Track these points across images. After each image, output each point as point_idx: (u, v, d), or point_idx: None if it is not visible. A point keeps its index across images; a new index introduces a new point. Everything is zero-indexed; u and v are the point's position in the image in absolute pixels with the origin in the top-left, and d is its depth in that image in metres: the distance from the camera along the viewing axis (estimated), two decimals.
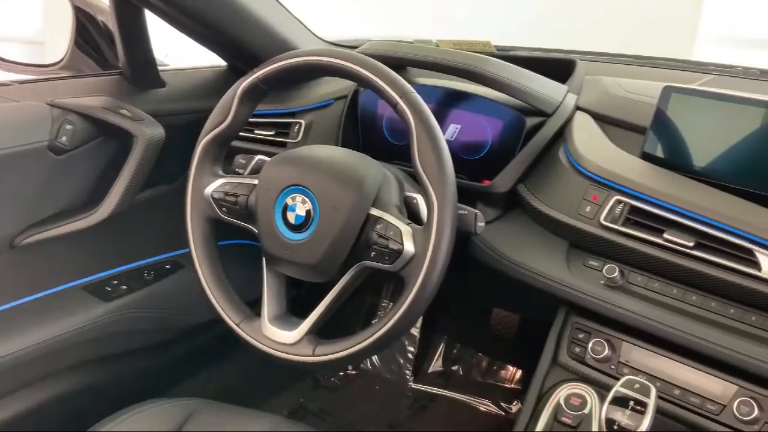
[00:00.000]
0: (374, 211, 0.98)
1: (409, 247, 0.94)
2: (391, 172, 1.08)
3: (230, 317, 1.07)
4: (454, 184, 0.94)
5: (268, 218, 1.02)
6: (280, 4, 1.43)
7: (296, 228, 1.00)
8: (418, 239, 0.94)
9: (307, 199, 0.99)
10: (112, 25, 1.35)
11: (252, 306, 1.10)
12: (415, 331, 1.94)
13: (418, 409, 1.86)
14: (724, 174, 1.00)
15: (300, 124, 1.39)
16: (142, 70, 1.40)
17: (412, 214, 1.04)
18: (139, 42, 1.36)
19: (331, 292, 1.01)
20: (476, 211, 1.02)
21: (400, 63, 1.27)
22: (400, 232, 0.95)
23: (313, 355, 1.00)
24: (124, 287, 1.43)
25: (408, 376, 1.94)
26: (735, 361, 0.92)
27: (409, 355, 1.94)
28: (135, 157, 1.27)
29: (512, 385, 1.86)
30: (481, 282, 1.37)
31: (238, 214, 1.08)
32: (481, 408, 1.84)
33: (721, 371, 0.96)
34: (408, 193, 1.05)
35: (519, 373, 1.86)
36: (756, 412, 0.92)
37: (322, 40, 1.56)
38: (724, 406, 0.94)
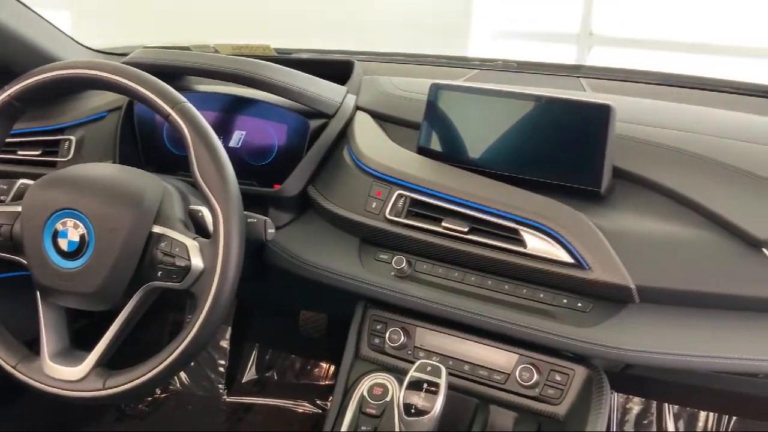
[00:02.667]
0: (157, 228, 0.94)
1: (197, 262, 0.91)
2: (173, 185, 1.04)
3: (4, 360, 0.97)
4: (237, 193, 0.92)
5: (36, 248, 0.93)
6: (36, 14, 1.30)
7: (70, 255, 0.93)
8: (206, 253, 0.91)
9: (79, 223, 0.92)
10: None
11: (33, 345, 1.01)
12: (224, 343, 1.90)
13: (235, 421, 1.82)
14: (491, 163, 1.08)
15: (70, 140, 1.29)
16: None
17: (199, 228, 1.01)
18: None
19: (117, 319, 0.95)
20: (265, 218, 1.02)
21: (173, 71, 1.22)
22: (187, 247, 0.92)
23: (104, 389, 0.94)
24: None
25: (221, 390, 1.89)
26: (513, 333, 1.01)
27: (221, 369, 1.90)
28: None
29: (327, 382, 1.89)
30: (283, 286, 1.37)
31: (1, 246, 0.97)
32: (298, 410, 1.84)
33: (504, 343, 1.05)
34: (193, 206, 1.02)
35: (332, 368, 1.89)
36: (536, 376, 1.01)
37: (90, 49, 1.46)
38: (509, 374, 1.03)
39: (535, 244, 0.99)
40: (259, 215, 1.03)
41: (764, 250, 0.92)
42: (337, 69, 1.37)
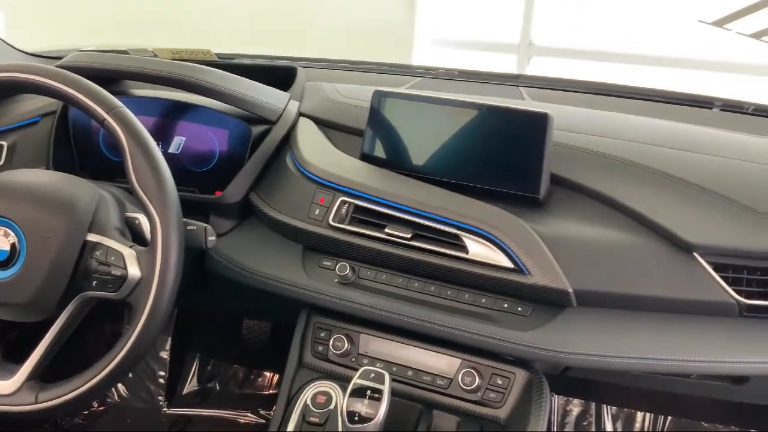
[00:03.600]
0: (92, 237, 0.91)
1: (134, 271, 0.89)
2: (109, 191, 1.01)
3: None
4: (176, 199, 0.91)
5: None
6: None
7: (0, 265, 0.89)
8: (144, 262, 0.89)
9: (10, 232, 0.89)
10: None
11: None
12: (164, 354, 1.85)
13: None
14: (433, 169, 1.09)
15: (1, 146, 1.24)
16: None
17: (136, 236, 0.98)
18: None
19: (51, 330, 0.92)
20: (206, 225, 1.00)
21: (109, 75, 1.19)
22: (123, 256, 0.89)
23: (37, 403, 0.90)
24: None
25: (161, 402, 1.85)
26: (455, 338, 1.02)
27: (160, 380, 1.85)
28: None
29: (271, 391, 1.86)
30: (225, 295, 1.34)
31: None
32: (241, 420, 1.81)
33: (447, 348, 1.05)
34: (130, 214, 0.99)
35: (276, 377, 1.87)
36: (478, 380, 1.02)
37: (23, 52, 1.41)
38: (451, 379, 1.04)
39: (477, 249, 1.00)
40: (199, 222, 1.02)
41: (695, 254, 0.96)
42: (279, 75, 1.36)
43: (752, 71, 2.89)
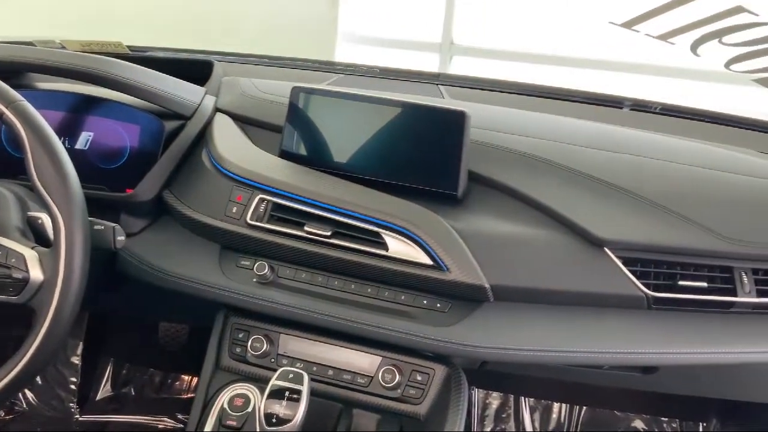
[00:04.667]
0: None
1: (36, 274, 0.84)
2: (10, 189, 0.95)
3: None
4: (81, 197, 0.86)
5: None
6: None
7: None
8: (47, 264, 0.85)
9: None
10: None
11: None
12: (75, 359, 1.77)
13: None
14: (353, 167, 1.09)
15: None
16: None
17: (39, 236, 0.93)
18: None
19: None
20: (114, 224, 0.96)
21: (11, 68, 1.12)
22: (24, 258, 0.84)
23: None
24: None
25: (73, 409, 1.76)
26: (376, 335, 1.01)
27: (72, 386, 1.77)
28: None
29: (189, 395, 1.81)
30: (139, 297, 1.29)
31: None
32: (159, 426, 1.76)
33: (367, 346, 1.05)
34: (32, 213, 0.94)
35: (195, 381, 1.82)
36: (398, 377, 1.02)
37: None
38: (372, 377, 1.04)
39: (397, 247, 1.00)
40: (107, 222, 0.97)
41: (606, 249, 0.99)
42: (195, 69, 1.32)
43: (662, 72, 3.03)
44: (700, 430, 1.68)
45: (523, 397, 1.73)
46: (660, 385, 1.27)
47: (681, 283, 0.99)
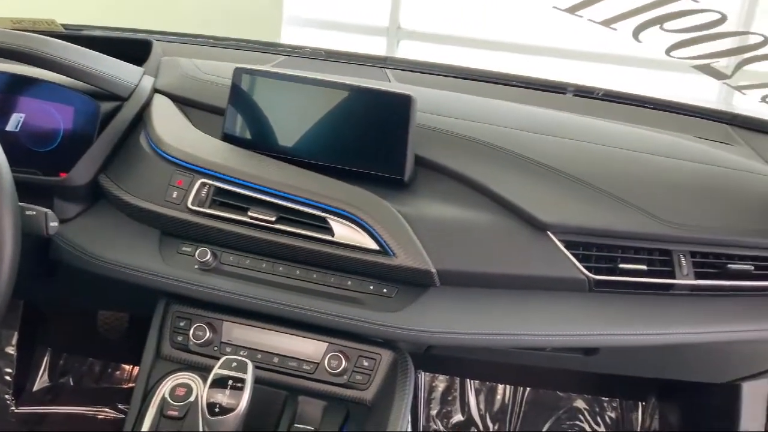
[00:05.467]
0: None
1: None
2: None
3: None
4: (9, 182, 0.83)
5: None
6: None
7: None
8: None
9: None
10: None
11: None
12: (10, 350, 1.70)
13: None
14: (298, 151, 1.07)
15: None
16: None
17: None
18: None
19: None
20: (46, 210, 0.92)
21: None
22: None
23: None
24: None
25: (9, 401, 1.70)
26: (322, 321, 1.00)
27: (7, 377, 1.70)
28: None
29: (130, 385, 1.76)
30: (75, 285, 1.25)
31: None
32: (99, 416, 1.71)
33: (313, 332, 1.04)
34: None
35: (136, 370, 1.77)
36: (344, 363, 1.02)
37: None
38: (318, 364, 1.03)
39: (343, 232, 0.99)
40: (39, 207, 0.93)
41: (549, 232, 1.00)
42: (133, 49, 1.27)
43: (605, 60, 3.09)
44: (640, 408, 1.73)
45: (468, 380, 1.75)
46: (601, 366, 1.30)
47: (621, 266, 1.01)
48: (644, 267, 1.02)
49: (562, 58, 3.17)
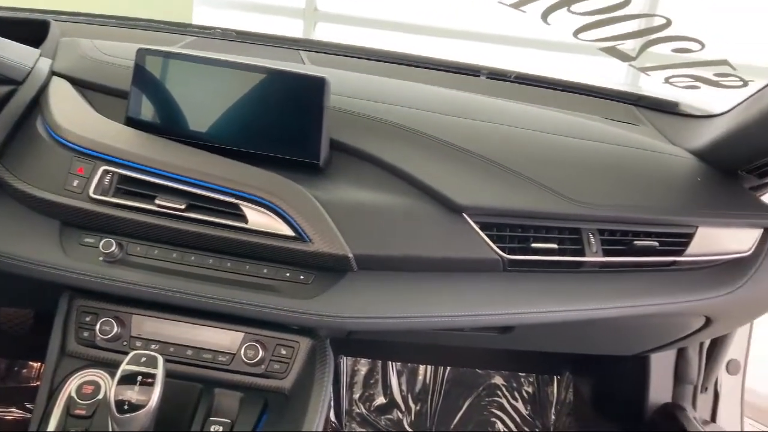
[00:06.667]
0: None
1: None
2: None
3: None
4: None
5: None
6: None
7: None
8: None
9: None
10: None
11: None
12: None
13: None
14: (208, 135, 1.03)
15: None
16: None
17: None
18: None
19: None
20: None
21: None
22: None
23: None
24: None
25: None
26: (237, 311, 0.98)
27: None
28: None
29: (38, 383, 1.68)
30: None
31: None
32: (7, 417, 1.62)
33: (228, 323, 1.01)
34: None
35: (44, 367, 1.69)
36: (261, 353, 1.00)
37: None
38: (234, 354, 1.00)
39: (257, 218, 0.97)
40: None
41: (464, 214, 1.01)
42: (29, 30, 1.19)
43: (517, 43, 3.15)
44: (555, 382, 1.79)
45: (390, 362, 1.76)
46: (517, 343, 1.34)
47: (533, 245, 1.03)
48: (555, 246, 1.04)
49: (474, 41, 3.21)
